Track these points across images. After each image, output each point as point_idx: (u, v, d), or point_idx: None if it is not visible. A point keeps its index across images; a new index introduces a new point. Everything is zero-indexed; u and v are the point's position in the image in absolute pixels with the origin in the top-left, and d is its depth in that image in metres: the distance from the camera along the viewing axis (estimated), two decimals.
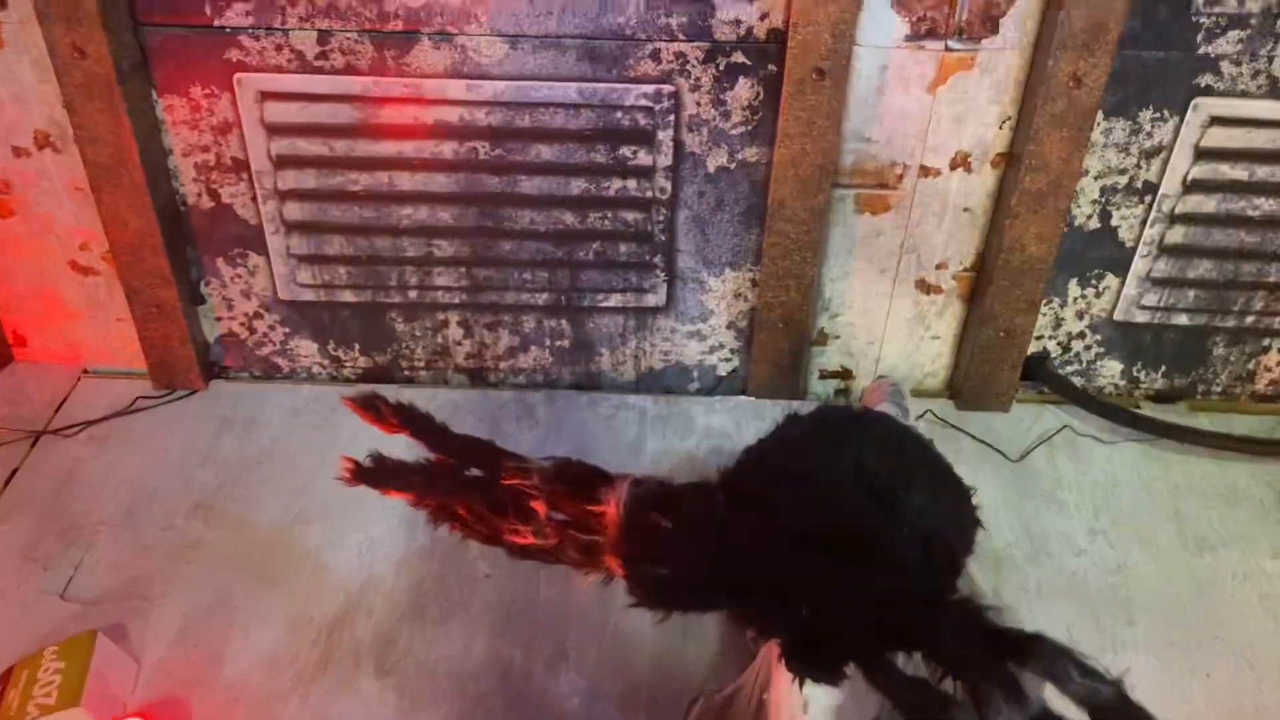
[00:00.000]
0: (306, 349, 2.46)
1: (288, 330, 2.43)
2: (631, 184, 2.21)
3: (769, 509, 1.19)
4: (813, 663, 1.11)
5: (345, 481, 1.43)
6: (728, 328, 2.43)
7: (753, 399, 2.48)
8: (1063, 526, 2.19)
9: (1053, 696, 1.06)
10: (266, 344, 2.45)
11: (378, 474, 1.42)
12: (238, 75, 2.09)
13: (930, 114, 2.11)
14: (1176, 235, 2.24)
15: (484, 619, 1.97)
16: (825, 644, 1.10)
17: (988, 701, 1.00)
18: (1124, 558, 2.13)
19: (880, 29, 2.01)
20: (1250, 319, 2.36)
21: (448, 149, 2.17)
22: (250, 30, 2.04)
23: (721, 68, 2.08)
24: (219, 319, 2.42)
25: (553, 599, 2.00)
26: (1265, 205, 2.19)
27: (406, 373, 2.48)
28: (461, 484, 1.37)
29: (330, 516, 2.15)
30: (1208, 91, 2.08)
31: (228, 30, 2.04)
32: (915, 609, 1.09)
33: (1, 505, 2.17)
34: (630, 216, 2.26)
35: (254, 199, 2.24)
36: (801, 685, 1.15)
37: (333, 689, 1.85)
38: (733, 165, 2.20)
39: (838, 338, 2.43)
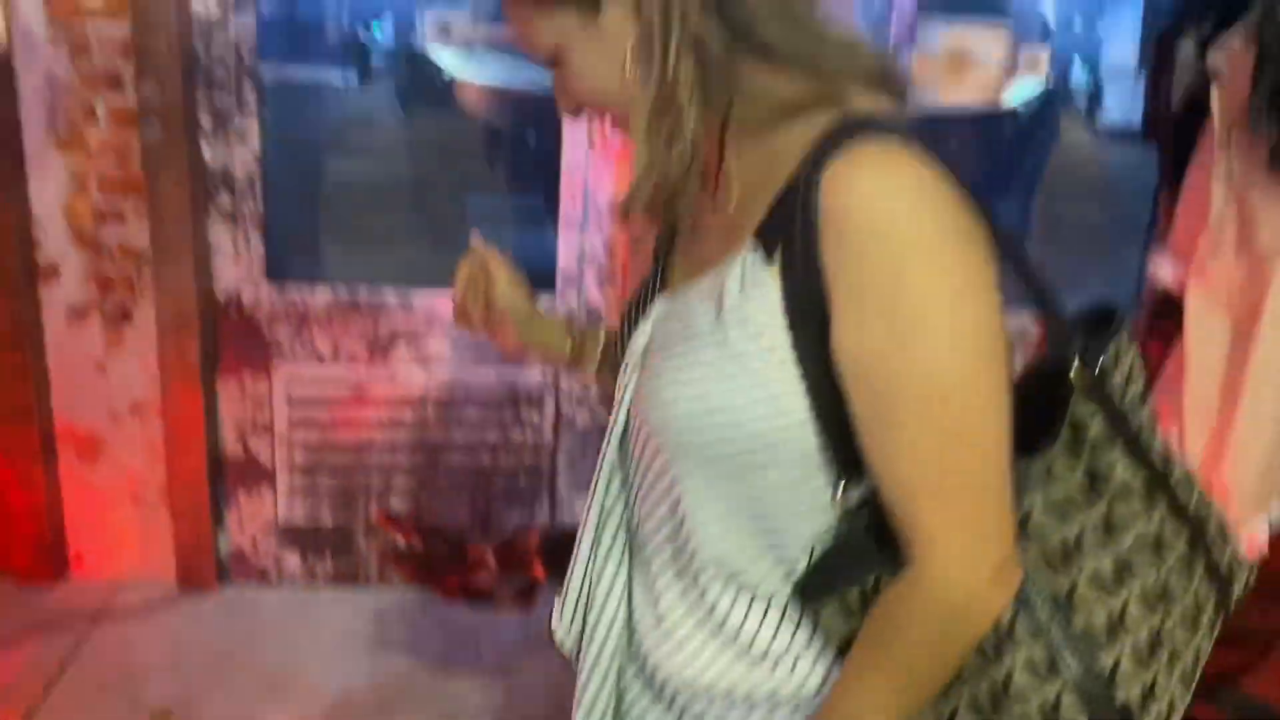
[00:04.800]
0: (292, 562, 3.47)
1: (279, 546, 3.46)
2: None
3: None
4: None
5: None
6: None
7: None
8: None
9: None
10: (265, 557, 3.46)
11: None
12: (277, 367, 3.29)
13: None
14: None
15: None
16: None
17: None
18: None
19: None
20: None
21: (407, 415, 3.37)
22: (289, 340, 3.27)
23: None
24: (232, 538, 3.43)
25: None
26: None
27: (363, 579, 3.50)
28: (447, 561, 2.46)
29: (315, 662, 3.10)
30: None
31: (273, 340, 3.27)
32: None
33: (71, 670, 3.03)
34: None
35: (271, 448, 3.36)
36: None
37: None
38: None
39: None
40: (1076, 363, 0.99)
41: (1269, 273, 2.28)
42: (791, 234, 0.94)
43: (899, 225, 0.89)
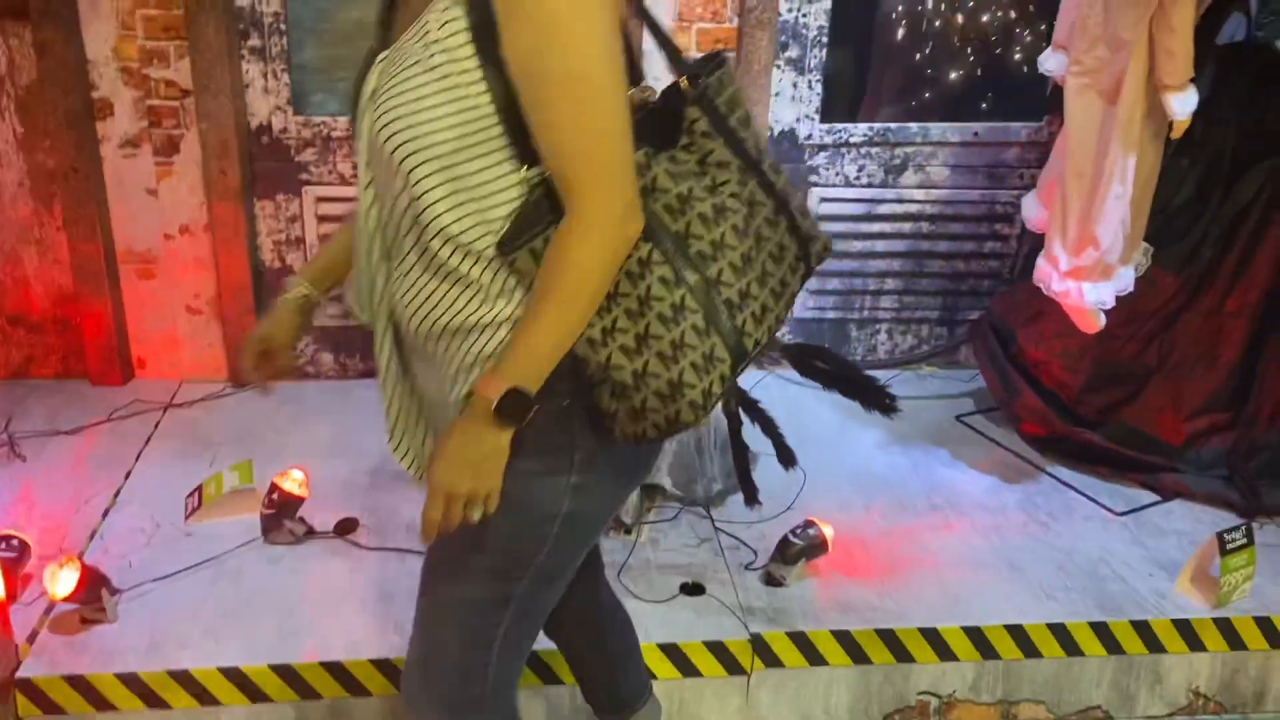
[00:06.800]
0: (327, 359, 4.04)
1: (316, 346, 4.01)
2: None
3: None
4: None
5: None
6: None
7: None
8: None
9: None
10: (303, 356, 4.02)
11: None
12: (305, 187, 3.79)
13: None
14: None
15: None
16: None
17: None
18: None
19: None
20: (865, 313, 4.28)
21: None
22: (315, 163, 3.77)
23: None
24: None
25: None
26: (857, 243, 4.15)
27: None
28: None
29: (358, 434, 3.69)
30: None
31: (301, 163, 3.76)
32: None
33: (154, 443, 3.59)
34: None
35: (304, 260, 3.88)
36: None
37: None
38: None
39: None
40: (684, 80, 1.47)
41: (1127, 58, 2.86)
42: None
43: None
